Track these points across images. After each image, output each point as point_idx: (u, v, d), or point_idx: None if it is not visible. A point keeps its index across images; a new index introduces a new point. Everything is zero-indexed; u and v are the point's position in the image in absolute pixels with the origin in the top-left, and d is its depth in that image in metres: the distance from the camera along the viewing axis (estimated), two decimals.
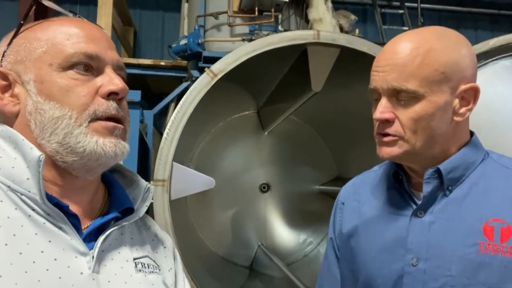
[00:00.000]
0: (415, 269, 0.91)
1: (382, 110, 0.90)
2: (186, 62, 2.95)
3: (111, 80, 0.75)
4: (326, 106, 2.46)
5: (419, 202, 0.94)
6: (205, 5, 2.76)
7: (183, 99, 1.75)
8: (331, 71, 1.95)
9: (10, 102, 0.74)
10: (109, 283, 0.71)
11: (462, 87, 0.89)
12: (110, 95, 0.74)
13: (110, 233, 0.75)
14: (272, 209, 2.66)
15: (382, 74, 0.90)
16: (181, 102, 1.75)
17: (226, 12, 2.58)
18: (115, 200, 0.82)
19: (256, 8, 2.54)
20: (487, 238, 0.86)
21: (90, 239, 0.73)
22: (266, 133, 2.66)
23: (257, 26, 2.58)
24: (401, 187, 0.99)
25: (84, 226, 0.75)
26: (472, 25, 4.72)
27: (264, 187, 2.62)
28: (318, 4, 2.63)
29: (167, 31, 4.17)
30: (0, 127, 0.73)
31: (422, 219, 0.93)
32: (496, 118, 1.72)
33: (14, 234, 0.66)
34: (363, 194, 1.07)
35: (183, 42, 2.69)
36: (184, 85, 2.80)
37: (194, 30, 2.70)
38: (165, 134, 1.72)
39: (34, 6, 0.80)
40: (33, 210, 0.69)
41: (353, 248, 1.03)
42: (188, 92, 1.76)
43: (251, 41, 2.19)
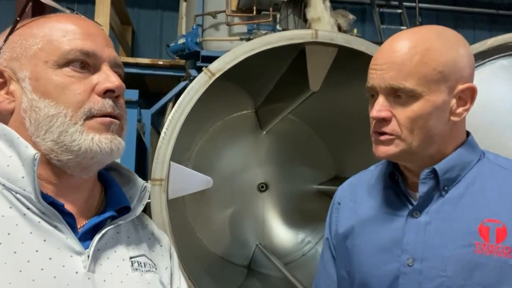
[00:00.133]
0: (411, 269, 0.90)
1: (379, 108, 0.89)
2: (184, 61, 2.95)
3: (108, 77, 0.74)
4: (324, 105, 2.45)
5: (415, 202, 0.94)
6: (203, 4, 2.76)
7: (181, 99, 1.75)
8: (329, 71, 1.95)
9: (5, 99, 0.73)
10: (104, 283, 0.71)
11: (460, 87, 0.88)
12: (106, 93, 0.73)
13: (106, 232, 0.74)
14: (270, 208, 2.65)
15: (380, 72, 0.89)
16: (178, 102, 1.75)
17: (224, 11, 2.59)
18: (112, 198, 0.81)
19: (254, 7, 2.54)
20: (483, 239, 0.86)
21: (85, 238, 0.73)
22: (264, 132, 2.66)
23: (255, 26, 2.58)
24: (397, 188, 0.98)
25: (79, 225, 0.74)
26: (470, 24, 4.73)
27: (262, 187, 2.62)
28: (317, 3, 2.63)
29: (165, 30, 4.16)
30: None
31: (418, 220, 0.92)
32: (493, 118, 1.72)
33: (9, 233, 0.65)
34: (360, 194, 1.07)
35: (181, 41, 2.69)
36: (182, 84, 2.81)
37: (192, 29, 2.69)
38: (162, 134, 1.72)
39: (30, 3, 0.79)
40: (28, 208, 0.68)
41: (349, 248, 1.03)
42: (185, 91, 1.76)
43: (249, 40, 2.19)
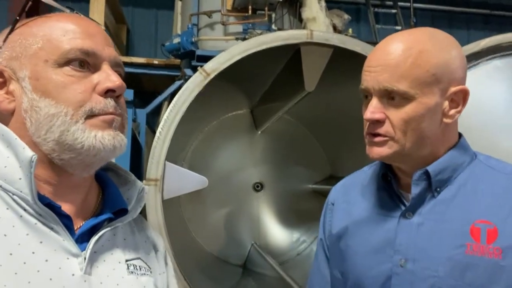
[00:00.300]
0: (403, 270, 0.91)
1: (373, 110, 0.90)
2: (179, 60, 2.93)
3: (108, 76, 0.73)
4: (319, 105, 2.46)
5: (408, 203, 0.95)
6: (198, 3, 2.75)
7: (176, 98, 1.75)
8: (324, 71, 1.96)
9: (5, 99, 0.72)
10: (101, 285, 0.71)
11: (452, 89, 0.89)
12: (107, 93, 0.73)
13: (102, 234, 0.74)
14: (265, 208, 2.66)
15: (374, 74, 0.89)
16: (173, 101, 1.75)
17: (219, 10, 2.58)
18: (109, 200, 0.81)
19: (249, 7, 2.53)
20: (474, 240, 0.87)
21: (82, 240, 0.73)
22: (260, 132, 2.66)
23: (250, 25, 2.58)
24: (390, 188, 0.99)
25: (76, 227, 0.74)
26: (464, 25, 4.74)
27: (257, 186, 2.63)
28: (312, 3, 2.63)
29: (160, 30, 4.14)
30: None
31: (410, 221, 0.93)
32: (487, 118, 1.74)
33: (5, 235, 0.65)
34: (353, 195, 1.08)
35: (176, 40, 2.68)
36: (177, 83, 2.79)
37: (187, 28, 2.68)
38: (157, 133, 1.72)
39: (30, 2, 0.79)
40: (24, 210, 0.68)
41: (342, 249, 1.03)
42: (180, 91, 1.76)
43: (245, 40, 2.20)
